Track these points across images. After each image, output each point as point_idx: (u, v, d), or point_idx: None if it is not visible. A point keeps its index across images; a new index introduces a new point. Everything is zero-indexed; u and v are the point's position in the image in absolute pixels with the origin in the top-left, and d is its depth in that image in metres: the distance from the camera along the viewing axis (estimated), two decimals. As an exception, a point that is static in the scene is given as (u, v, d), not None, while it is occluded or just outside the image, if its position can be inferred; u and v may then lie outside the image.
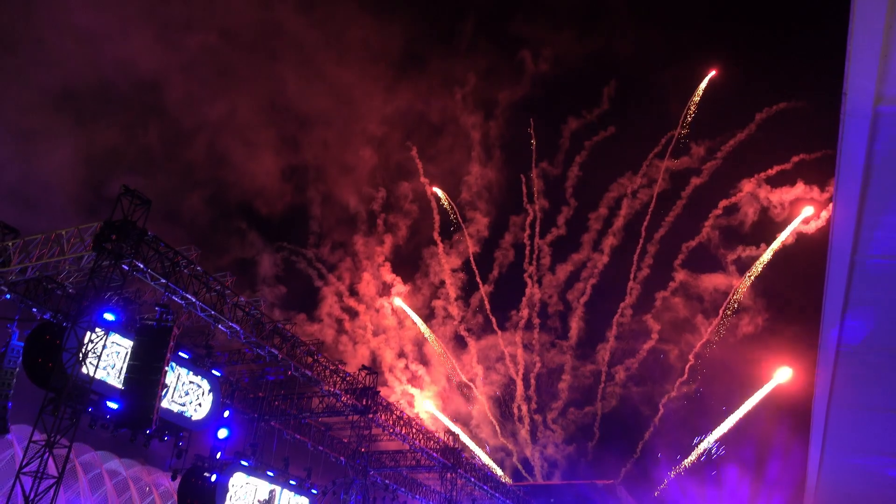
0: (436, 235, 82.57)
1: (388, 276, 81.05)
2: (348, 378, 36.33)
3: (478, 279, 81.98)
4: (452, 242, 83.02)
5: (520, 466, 79.39)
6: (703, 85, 76.76)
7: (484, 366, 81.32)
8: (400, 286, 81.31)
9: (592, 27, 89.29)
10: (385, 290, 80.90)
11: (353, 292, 79.65)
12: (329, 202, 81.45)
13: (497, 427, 79.48)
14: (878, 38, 5.84)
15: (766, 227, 74.14)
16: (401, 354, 78.10)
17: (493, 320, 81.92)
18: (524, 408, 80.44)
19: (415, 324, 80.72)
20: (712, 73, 76.90)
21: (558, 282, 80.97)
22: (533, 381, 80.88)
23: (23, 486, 20.89)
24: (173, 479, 30.69)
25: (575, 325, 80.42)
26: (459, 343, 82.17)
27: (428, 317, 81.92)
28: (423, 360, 79.81)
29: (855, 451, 16.35)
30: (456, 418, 78.09)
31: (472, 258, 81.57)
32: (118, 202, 23.75)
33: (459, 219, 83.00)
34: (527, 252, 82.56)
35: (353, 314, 78.29)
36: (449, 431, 44.92)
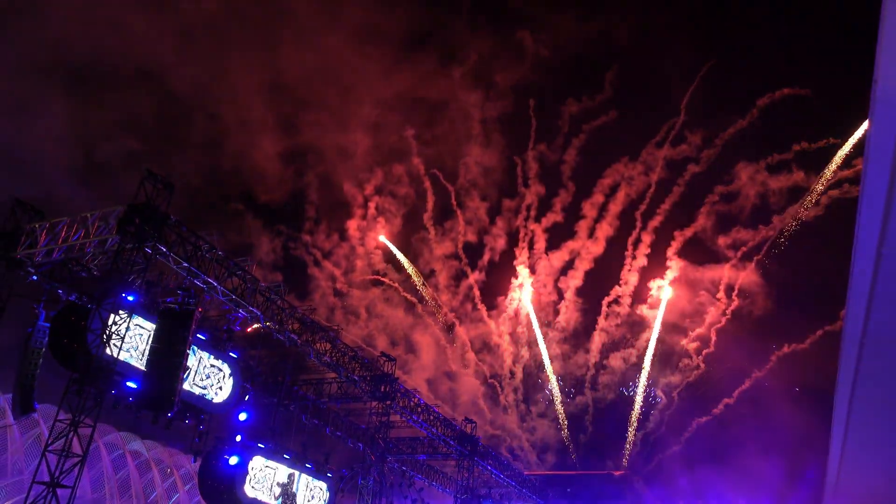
0: (428, 221, 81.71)
1: (381, 264, 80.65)
2: (367, 364, 36.56)
3: (466, 267, 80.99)
4: (446, 229, 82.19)
5: (507, 455, 79.45)
6: (704, 71, 75.63)
7: (475, 353, 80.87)
8: (393, 274, 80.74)
9: (595, 11, 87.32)
10: (376, 275, 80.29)
11: (347, 278, 79.18)
12: (326, 186, 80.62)
13: (487, 414, 79.38)
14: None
15: (764, 214, 73.64)
16: (393, 343, 77.52)
17: (483, 308, 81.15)
18: (511, 397, 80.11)
19: (407, 309, 79.99)
20: (712, 63, 75.63)
21: (552, 269, 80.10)
22: (520, 371, 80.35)
23: (48, 463, 21.35)
24: (194, 461, 31.14)
25: (567, 313, 79.69)
26: (448, 331, 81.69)
27: (416, 303, 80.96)
28: (412, 349, 79.39)
29: (877, 446, 16.14)
30: (443, 401, 77.92)
31: (459, 247, 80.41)
32: (141, 186, 24.02)
33: (454, 203, 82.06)
34: (521, 237, 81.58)
35: (345, 299, 78.02)
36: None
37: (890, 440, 15.82)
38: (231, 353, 30.51)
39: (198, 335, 28.10)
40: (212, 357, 29.38)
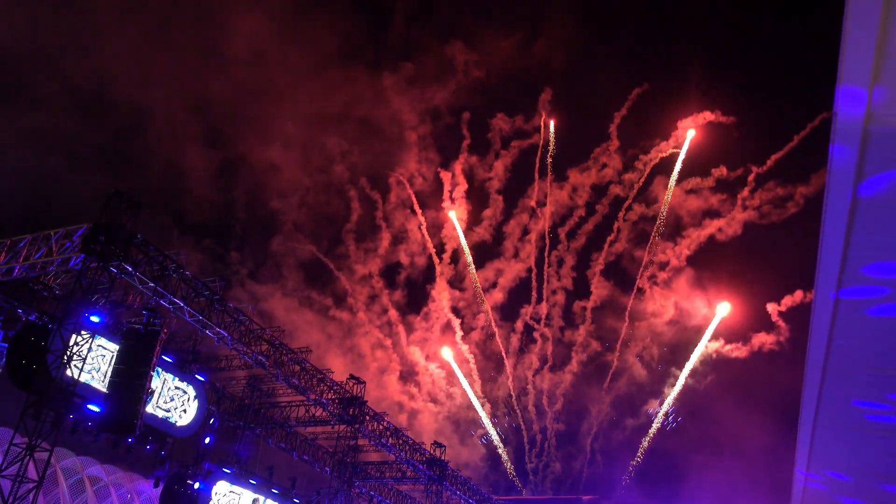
0: (350, 239, 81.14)
1: (306, 290, 79.64)
2: (335, 387, 36.14)
3: (384, 291, 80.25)
4: (367, 249, 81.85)
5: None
6: (634, 96, 78.34)
7: (398, 380, 79.95)
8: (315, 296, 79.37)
9: (532, 33, 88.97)
10: (303, 300, 78.85)
11: (275, 296, 78.03)
12: (254, 202, 79.14)
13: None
14: (869, 56, 5.89)
15: (681, 233, 76.42)
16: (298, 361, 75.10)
17: (403, 331, 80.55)
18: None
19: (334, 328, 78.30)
20: (643, 87, 78.38)
21: (476, 290, 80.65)
22: (445, 397, 79.78)
23: (1, 489, 20.64)
24: (156, 486, 30.35)
25: (491, 336, 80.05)
26: (363, 348, 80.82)
27: (330, 326, 79.74)
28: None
29: (840, 469, 16.43)
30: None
31: (376, 273, 79.73)
32: (108, 204, 23.64)
33: (382, 220, 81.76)
34: (447, 255, 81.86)
35: (267, 322, 76.48)
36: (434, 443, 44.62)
37: (852, 463, 16.14)
38: (197, 376, 29.95)
39: (163, 357, 27.56)
40: (176, 379, 28.82)
